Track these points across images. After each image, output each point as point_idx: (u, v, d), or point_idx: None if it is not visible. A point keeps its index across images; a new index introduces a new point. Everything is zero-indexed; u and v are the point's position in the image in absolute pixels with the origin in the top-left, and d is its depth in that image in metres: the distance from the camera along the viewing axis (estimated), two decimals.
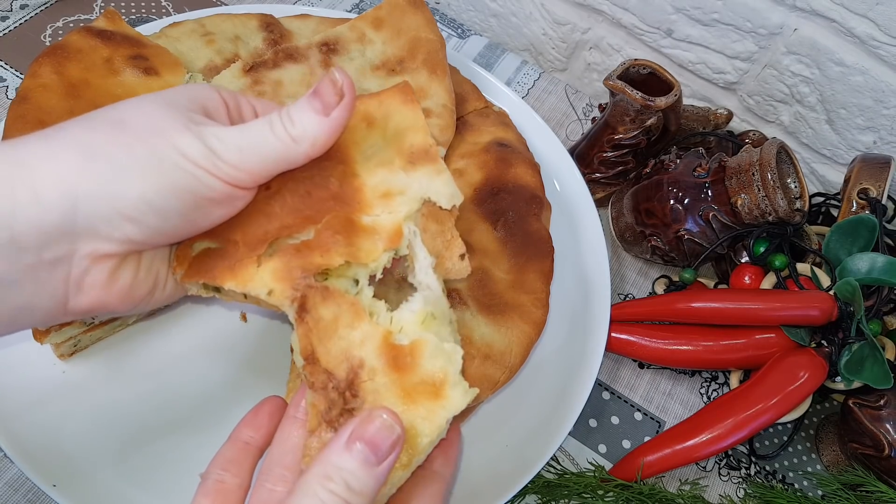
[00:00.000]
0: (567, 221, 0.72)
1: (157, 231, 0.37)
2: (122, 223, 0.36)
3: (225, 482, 0.38)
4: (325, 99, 0.39)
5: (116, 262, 0.38)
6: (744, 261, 0.72)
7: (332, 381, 0.37)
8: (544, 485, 0.62)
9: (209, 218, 0.40)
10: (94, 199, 0.35)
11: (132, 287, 0.40)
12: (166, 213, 0.37)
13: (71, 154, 0.35)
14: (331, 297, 0.39)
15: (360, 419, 0.35)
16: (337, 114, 0.40)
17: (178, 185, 0.36)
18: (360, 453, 0.34)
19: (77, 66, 0.58)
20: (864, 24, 0.73)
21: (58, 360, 0.56)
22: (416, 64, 0.70)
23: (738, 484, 0.68)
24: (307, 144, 0.39)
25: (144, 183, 0.36)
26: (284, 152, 0.39)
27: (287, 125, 0.39)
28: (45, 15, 0.85)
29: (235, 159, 0.38)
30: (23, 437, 0.52)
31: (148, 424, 0.55)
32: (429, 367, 0.38)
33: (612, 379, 0.72)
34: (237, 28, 0.71)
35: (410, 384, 0.37)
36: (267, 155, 0.39)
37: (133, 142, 0.36)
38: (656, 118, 0.73)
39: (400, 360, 0.38)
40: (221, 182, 0.38)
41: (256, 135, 0.39)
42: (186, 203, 0.37)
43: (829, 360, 0.64)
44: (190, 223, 0.39)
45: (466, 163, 0.68)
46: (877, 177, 0.71)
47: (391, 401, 0.37)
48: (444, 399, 0.37)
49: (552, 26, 0.94)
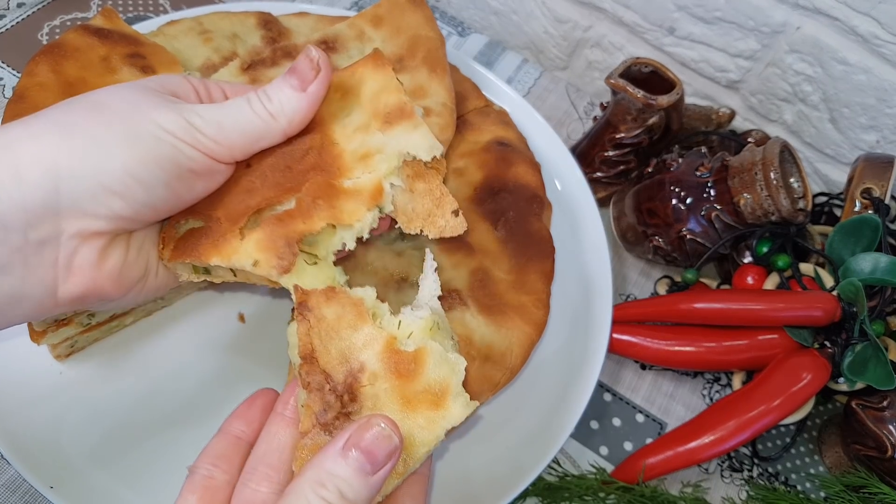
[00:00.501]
0: (568, 221, 0.72)
1: (144, 204, 0.37)
2: (107, 198, 0.36)
3: (214, 478, 0.37)
4: (302, 75, 0.41)
5: (106, 242, 0.38)
6: (747, 261, 0.71)
7: (329, 382, 0.37)
8: (545, 487, 0.61)
9: (192, 190, 0.40)
10: (76, 176, 0.35)
11: (123, 269, 0.39)
12: (150, 184, 0.37)
13: (50, 134, 0.35)
14: (335, 297, 0.39)
15: (357, 426, 0.34)
16: (313, 89, 0.41)
17: (160, 155, 0.37)
18: (356, 461, 0.33)
19: (74, 64, 0.58)
20: (866, 23, 0.73)
21: (55, 361, 0.56)
22: (416, 62, 0.70)
23: (741, 486, 0.67)
24: (285, 120, 0.41)
25: (126, 155, 0.36)
26: (263, 128, 0.40)
27: (265, 102, 0.40)
28: (43, 13, 0.84)
29: (214, 133, 0.39)
30: (20, 438, 0.52)
31: (145, 426, 0.55)
32: (432, 376, 0.37)
33: (614, 380, 0.72)
34: (235, 26, 0.71)
35: (412, 392, 0.37)
36: (245, 130, 0.40)
37: (111, 118, 0.37)
38: (658, 117, 0.73)
39: (403, 366, 0.37)
40: (201, 154, 0.39)
41: (235, 111, 0.40)
42: (170, 174, 0.38)
43: (832, 361, 0.64)
44: (174, 195, 0.39)
45: (466, 162, 0.68)
46: (880, 176, 0.70)
47: (391, 407, 0.36)
48: (444, 409, 0.37)
49: (553, 24, 0.94)
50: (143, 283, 0.42)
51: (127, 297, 0.41)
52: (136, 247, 0.40)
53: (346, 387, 0.37)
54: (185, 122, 0.38)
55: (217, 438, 0.39)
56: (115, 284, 0.39)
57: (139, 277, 0.41)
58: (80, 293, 0.37)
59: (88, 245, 0.37)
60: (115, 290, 0.39)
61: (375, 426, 0.34)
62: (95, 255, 0.37)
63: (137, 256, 0.41)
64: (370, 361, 0.37)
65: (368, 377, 0.37)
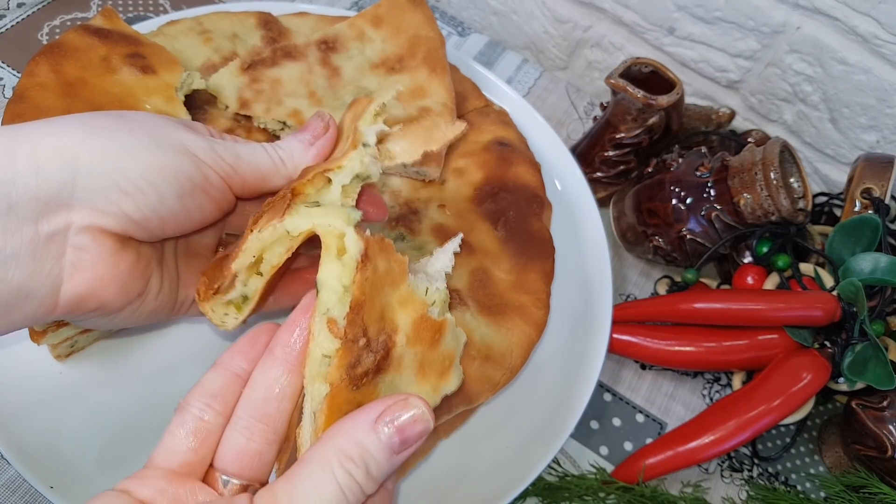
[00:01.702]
0: (568, 221, 0.72)
1: (153, 211, 0.38)
2: (119, 197, 0.36)
3: (206, 420, 0.35)
4: (312, 131, 0.45)
5: (116, 245, 0.38)
6: (747, 261, 0.71)
7: (365, 336, 0.34)
8: (545, 487, 0.61)
9: (202, 211, 0.41)
10: (95, 171, 0.36)
11: (130, 276, 0.39)
12: (164, 194, 0.38)
13: (75, 130, 0.36)
14: (386, 249, 0.37)
15: (393, 401, 0.32)
16: (321, 143, 0.45)
17: (179, 169, 0.38)
18: (388, 437, 0.31)
19: (74, 64, 0.58)
20: (866, 23, 0.73)
21: (55, 362, 0.56)
22: (416, 62, 0.70)
23: (741, 486, 0.67)
24: (292, 166, 0.44)
25: (148, 161, 0.37)
26: (273, 170, 0.44)
27: (277, 149, 0.44)
28: (43, 13, 0.84)
29: (233, 161, 0.41)
30: (20, 438, 0.52)
31: (145, 426, 0.54)
32: (446, 346, 0.37)
33: (614, 380, 0.72)
34: (235, 26, 0.71)
35: (428, 360, 0.36)
36: (258, 167, 0.43)
37: (137, 127, 0.38)
38: (658, 117, 0.73)
39: (428, 334, 0.36)
40: (218, 177, 0.41)
41: (251, 149, 0.43)
42: (184, 188, 0.39)
43: (832, 361, 0.64)
44: (184, 210, 0.40)
45: (467, 162, 0.68)
46: (880, 176, 0.70)
47: (410, 373, 0.35)
48: (446, 379, 0.36)
49: (553, 24, 0.94)
50: (141, 301, 0.42)
51: (123, 313, 0.41)
52: (144, 259, 0.41)
53: (382, 344, 0.35)
54: (208, 146, 0.40)
55: (213, 374, 0.36)
56: (118, 290, 0.39)
57: (141, 292, 0.41)
58: (82, 292, 0.37)
59: (98, 242, 0.37)
60: (117, 296, 0.39)
61: (415, 407, 0.32)
62: (105, 254, 0.37)
63: (144, 269, 0.41)
64: (403, 323, 0.36)
65: (402, 338, 0.36)
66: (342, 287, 0.35)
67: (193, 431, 0.35)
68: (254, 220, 0.42)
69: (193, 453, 0.35)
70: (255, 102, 0.65)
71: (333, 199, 0.40)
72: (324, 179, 0.41)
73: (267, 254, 0.42)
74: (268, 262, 0.42)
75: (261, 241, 0.41)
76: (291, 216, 0.39)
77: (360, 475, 0.31)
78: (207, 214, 0.42)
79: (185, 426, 0.35)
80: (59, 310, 0.38)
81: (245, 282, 0.43)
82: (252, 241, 0.41)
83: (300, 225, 0.39)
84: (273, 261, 0.42)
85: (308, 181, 0.40)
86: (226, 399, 0.35)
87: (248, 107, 0.65)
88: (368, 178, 0.42)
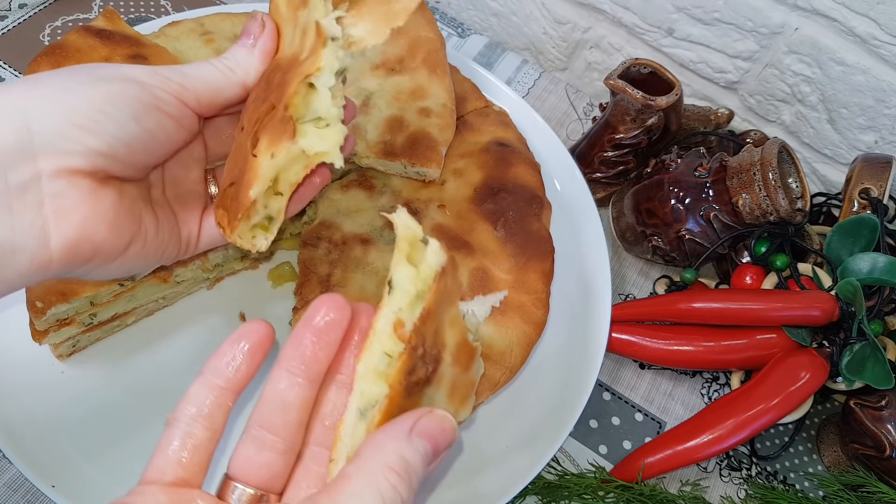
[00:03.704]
0: (567, 221, 0.72)
1: (115, 138, 0.38)
2: (78, 133, 0.36)
3: (195, 436, 0.34)
4: (250, 32, 0.45)
5: (93, 183, 0.37)
6: (745, 261, 0.72)
7: (423, 347, 0.34)
8: (545, 486, 0.61)
9: (164, 130, 0.41)
10: (44, 115, 0.36)
11: (117, 214, 0.39)
12: (119, 119, 0.38)
13: (17, 86, 0.36)
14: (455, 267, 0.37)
15: (422, 413, 0.32)
16: (262, 42, 0.45)
17: (126, 93, 0.38)
18: (423, 448, 0.32)
19: (76, 65, 0.58)
20: (865, 24, 0.73)
21: (56, 361, 0.56)
22: (416, 63, 0.70)
23: (740, 485, 0.68)
24: (241, 71, 0.44)
25: (91, 93, 0.37)
26: (223, 79, 0.44)
27: (223, 60, 0.45)
28: (44, 14, 0.84)
29: (180, 79, 0.42)
30: (22, 437, 0.52)
31: (147, 425, 0.55)
32: (474, 373, 0.37)
33: (613, 379, 0.72)
34: (236, 27, 0.71)
35: (461, 382, 0.36)
36: (208, 80, 0.43)
37: (75, 71, 0.39)
38: (657, 118, 0.73)
39: (465, 358, 0.37)
40: (169, 95, 0.41)
41: (197, 66, 0.44)
42: (137, 110, 0.39)
43: (830, 360, 0.64)
44: (146, 132, 0.40)
45: (466, 162, 0.68)
46: (878, 176, 0.70)
47: (444, 392, 0.36)
48: (466, 406, 0.37)
49: (553, 25, 0.94)
50: (142, 242, 0.41)
51: (127, 257, 0.40)
52: (128, 197, 0.40)
53: (433, 358, 0.35)
54: (151, 70, 0.41)
55: (198, 387, 0.35)
56: (108, 230, 0.38)
57: (135, 231, 0.41)
58: (73, 238, 0.37)
59: (74, 185, 0.36)
60: (109, 237, 0.38)
61: (445, 419, 0.33)
62: (85, 193, 0.37)
63: (131, 207, 0.40)
64: (450, 343, 0.36)
65: (448, 356, 0.36)
66: (415, 292, 0.35)
67: (183, 446, 0.34)
68: (251, 143, 0.42)
69: (185, 469, 0.34)
70: None
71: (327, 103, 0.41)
72: (306, 86, 0.41)
73: (283, 175, 0.43)
74: (286, 182, 0.43)
75: (276, 166, 0.41)
76: (304, 137, 0.40)
77: (405, 489, 0.31)
78: (172, 133, 0.42)
79: (174, 441, 0.34)
80: (56, 263, 0.37)
81: (266, 204, 0.44)
82: (266, 166, 0.41)
83: (316, 145, 0.40)
84: (291, 179, 0.43)
85: (294, 92, 0.40)
86: (212, 414, 0.35)
87: None
88: (345, 71, 0.42)
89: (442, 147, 0.66)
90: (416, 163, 0.65)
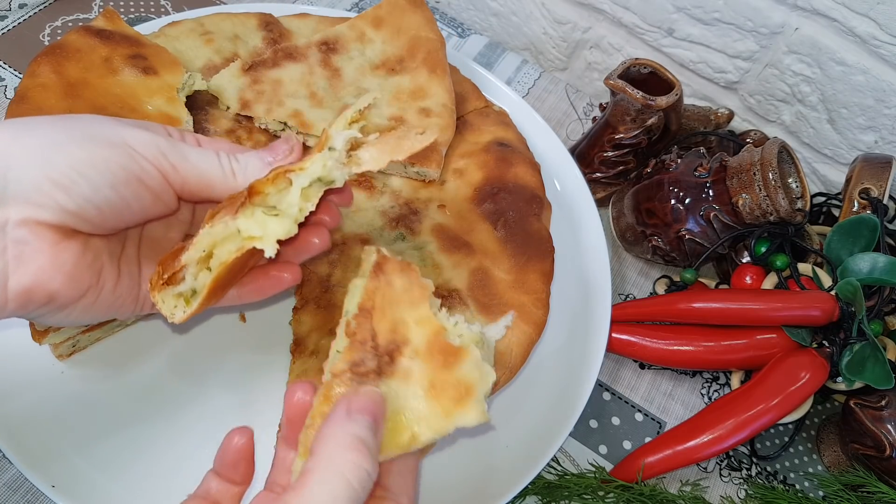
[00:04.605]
0: (567, 221, 0.72)
1: (87, 200, 0.38)
2: (52, 189, 0.37)
3: None
4: (275, 154, 0.45)
5: (57, 235, 0.38)
6: (745, 261, 0.72)
7: (373, 340, 0.39)
8: (545, 486, 0.61)
9: (140, 200, 0.41)
10: (25, 165, 0.36)
11: (76, 267, 0.39)
12: (96, 183, 0.38)
13: (5, 131, 0.37)
14: (408, 272, 0.41)
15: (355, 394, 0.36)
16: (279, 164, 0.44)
17: (111, 160, 0.39)
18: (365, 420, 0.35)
19: (76, 65, 0.58)
20: (865, 24, 0.73)
21: (56, 361, 0.56)
22: (416, 63, 0.70)
23: (740, 485, 0.68)
24: (242, 180, 0.44)
25: (77, 154, 0.38)
26: (220, 179, 0.43)
27: (232, 160, 0.44)
28: (44, 14, 0.84)
29: (177, 160, 0.41)
30: (22, 437, 0.52)
31: (146, 425, 0.55)
32: (464, 374, 0.39)
33: (613, 379, 0.72)
34: (236, 27, 0.71)
35: (441, 380, 0.38)
36: (204, 173, 0.42)
37: (72, 125, 0.39)
38: (657, 118, 0.73)
39: (443, 355, 0.39)
40: (155, 170, 0.41)
41: (203, 154, 0.43)
42: (118, 177, 0.39)
43: (830, 360, 0.64)
44: (121, 200, 0.40)
45: (466, 162, 0.68)
46: (878, 176, 0.71)
47: (417, 386, 0.38)
48: (463, 408, 0.38)
49: (553, 25, 0.94)
50: (97, 295, 0.41)
51: (78, 307, 0.41)
52: (92, 251, 0.41)
53: (388, 351, 0.39)
54: (151, 142, 0.40)
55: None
56: (65, 280, 0.39)
57: (92, 284, 0.41)
58: (28, 284, 0.37)
59: (38, 235, 0.37)
60: (65, 287, 0.39)
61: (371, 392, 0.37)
62: (47, 245, 0.37)
63: (93, 261, 0.41)
64: (416, 339, 0.39)
65: (410, 351, 0.39)
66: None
67: None
68: (211, 213, 0.42)
69: None
70: (257, 103, 0.66)
71: (292, 201, 0.41)
72: (285, 180, 0.41)
73: (217, 249, 0.42)
74: (217, 258, 0.42)
75: (211, 235, 0.41)
76: (245, 216, 0.40)
77: (367, 462, 0.33)
78: (147, 205, 0.42)
79: None
80: (11, 305, 0.38)
81: (195, 276, 0.43)
82: (203, 235, 0.41)
83: (252, 228, 0.40)
84: (223, 257, 0.42)
85: (268, 180, 0.41)
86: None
87: (249, 107, 0.65)
88: (332, 182, 0.42)
89: (442, 147, 0.66)
90: (416, 163, 0.65)
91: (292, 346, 0.56)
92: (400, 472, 0.38)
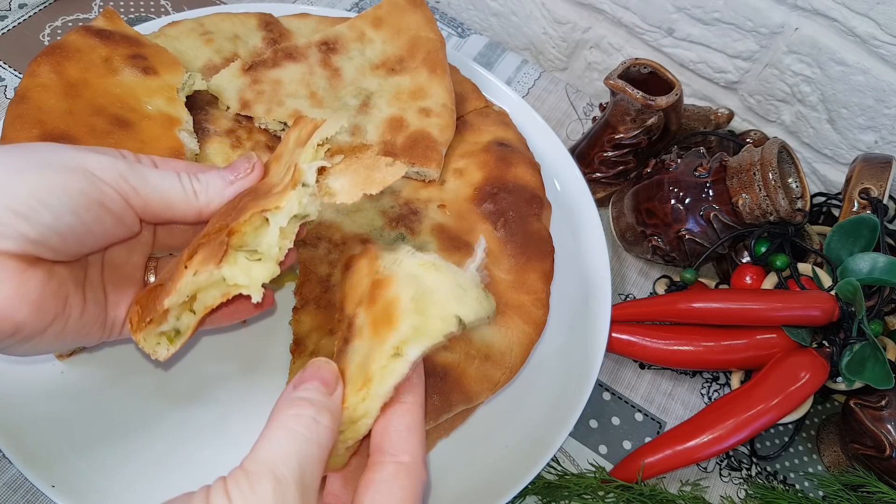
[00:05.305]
0: (567, 221, 0.72)
1: (48, 228, 0.38)
2: (12, 219, 0.37)
3: None
4: (236, 171, 0.45)
5: (21, 264, 0.38)
6: (745, 261, 0.72)
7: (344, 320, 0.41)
8: (545, 486, 0.61)
9: (102, 225, 0.41)
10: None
11: (42, 296, 0.39)
12: (56, 210, 0.38)
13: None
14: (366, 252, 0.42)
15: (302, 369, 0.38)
16: (241, 183, 0.45)
17: (70, 185, 0.38)
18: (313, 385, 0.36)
19: (76, 65, 0.58)
20: (865, 24, 0.73)
21: (56, 361, 0.56)
22: (416, 63, 0.70)
23: (739, 485, 0.68)
24: (204, 200, 0.44)
25: (35, 182, 0.38)
26: (182, 199, 0.43)
27: (193, 181, 0.44)
28: (44, 14, 0.84)
29: (138, 183, 0.41)
30: (22, 437, 0.52)
31: (146, 425, 0.55)
32: (390, 295, 0.38)
33: (613, 379, 0.72)
34: (236, 27, 0.71)
35: (376, 316, 0.38)
36: (166, 194, 0.43)
37: (30, 154, 0.39)
38: (657, 117, 0.73)
39: (375, 292, 0.40)
40: (116, 194, 0.41)
41: (164, 176, 0.43)
42: (78, 203, 0.39)
43: (830, 360, 0.64)
44: (83, 225, 0.40)
45: (466, 162, 0.68)
46: (878, 176, 0.71)
47: (365, 335, 0.38)
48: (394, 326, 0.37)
49: (553, 25, 0.94)
50: (64, 323, 0.41)
51: (46, 336, 0.41)
52: (57, 279, 0.40)
53: (349, 320, 0.41)
54: (111, 164, 0.40)
55: None
56: (31, 310, 0.38)
57: (58, 312, 0.41)
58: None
59: (2, 266, 0.37)
60: (31, 317, 0.39)
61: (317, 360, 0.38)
62: (9, 274, 0.37)
63: (58, 289, 0.40)
64: (364, 296, 0.40)
65: (361, 310, 0.40)
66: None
67: None
68: (188, 254, 0.42)
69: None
70: (257, 103, 0.66)
71: (271, 241, 0.42)
72: (261, 219, 0.41)
73: (202, 294, 0.42)
74: (202, 303, 0.43)
75: (196, 284, 0.41)
76: (229, 265, 0.41)
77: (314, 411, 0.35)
78: (110, 229, 0.42)
79: None
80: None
81: (178, 317, 0.44)
82: (186, 283, 0.41)
83: (237, 276, 0.41)
84: (207, 302, 0.43)
85: (246, 221, 0.41)
86: None
87: (249, 107, 0.65)
88: (307, 217, 0.43)
89: (442, 147, 0.66)
90: (416, 163, 0.65)
91: (292, 346, 0.56)
92: (397, 430, 0.38)
